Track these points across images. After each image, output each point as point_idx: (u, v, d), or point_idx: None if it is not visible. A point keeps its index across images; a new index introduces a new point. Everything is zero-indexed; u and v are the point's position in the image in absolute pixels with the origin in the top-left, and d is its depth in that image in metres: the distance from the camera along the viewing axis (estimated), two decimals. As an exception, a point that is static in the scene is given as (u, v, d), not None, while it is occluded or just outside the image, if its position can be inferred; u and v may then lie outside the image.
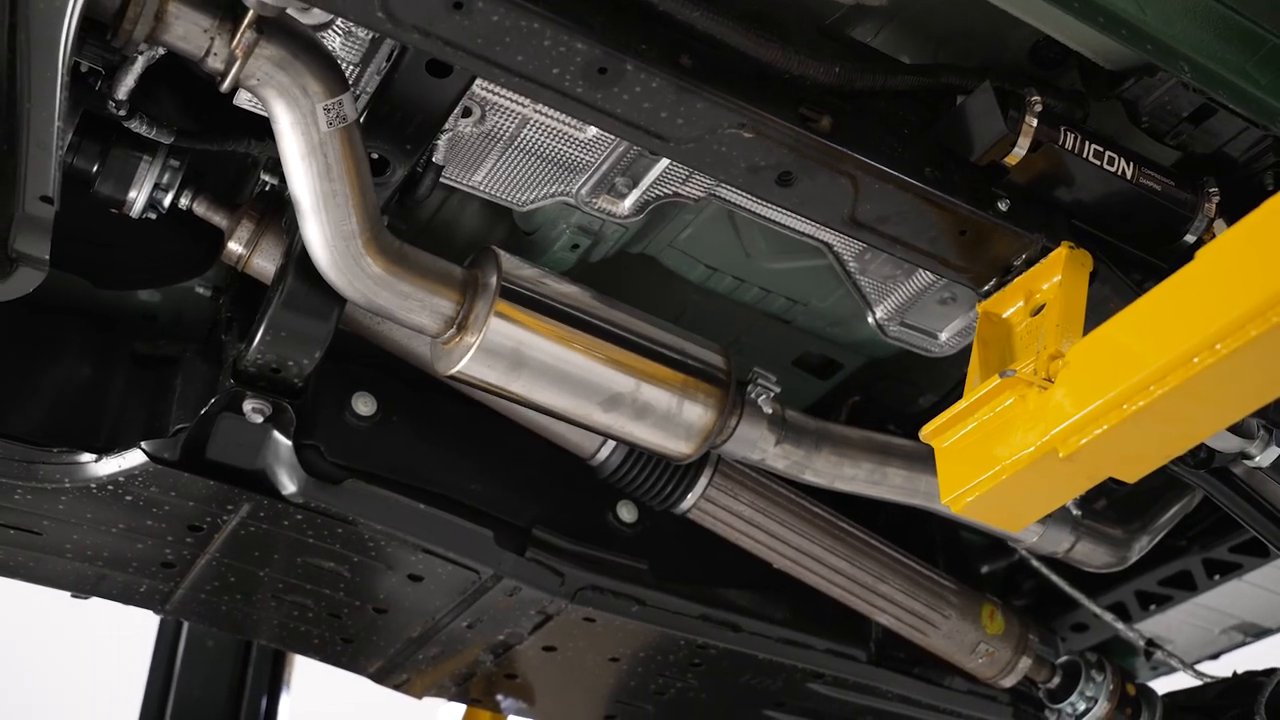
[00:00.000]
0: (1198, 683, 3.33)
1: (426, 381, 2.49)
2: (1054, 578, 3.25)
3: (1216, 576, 3.52)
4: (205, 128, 2.27)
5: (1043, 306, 2.12)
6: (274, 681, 4.09)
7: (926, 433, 2.09)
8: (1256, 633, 3.78)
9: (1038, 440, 1.92)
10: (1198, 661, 3.69)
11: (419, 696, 3.29)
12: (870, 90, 2.06)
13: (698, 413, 2.34)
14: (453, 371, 2.22)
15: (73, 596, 2.87)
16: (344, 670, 3.18)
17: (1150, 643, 3.35)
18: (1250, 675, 3.23)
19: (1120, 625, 3.35)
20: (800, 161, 2.03)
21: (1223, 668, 3.56)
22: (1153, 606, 3.64)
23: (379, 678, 3.19)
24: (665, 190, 2.40)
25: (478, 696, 3.33)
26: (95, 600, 2.89)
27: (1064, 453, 1.88)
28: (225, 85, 1.89)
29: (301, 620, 2.95)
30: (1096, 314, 2.07)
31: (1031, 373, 1.95)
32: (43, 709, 6.22)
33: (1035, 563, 3.22)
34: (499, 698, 3.35)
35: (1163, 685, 3.35)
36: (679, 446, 2.37)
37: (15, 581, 2.79)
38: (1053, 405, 1.91)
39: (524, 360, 2.21)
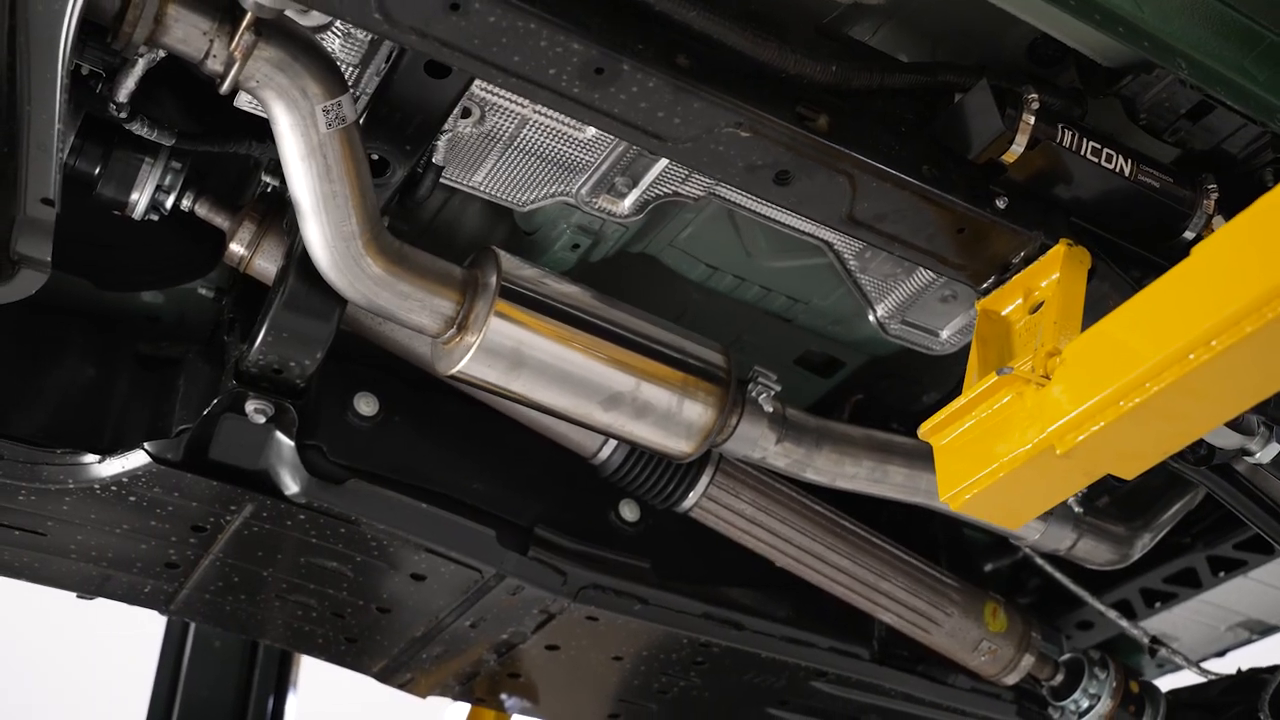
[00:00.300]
0: (1203, 680, 3.32)
1: (428, 381, 2.49)
2: (1058, 575, 3.25)
3: (1221, 573, 3.51)
4: (206, 130, 2.28)
5: (1041, 304, 2.12)
6: (280, 681, 4.11)
7: (925, 430, 2.09)
8: (1262, 629, 3.77)
9: (1035, 437, 1.91)
10: (1203, 659, 3.67)
11: (423, 696, 3.30)
12: (867, 89, 2.06)
13: (698, 411, 2.34)
14: (453, 371, 2.23)
15: (78, 597, 2.88)
16: (349, 670, 3.19)
17: (1155, 640, 3.35)
18: (1255, 672, 3.22)
19: (1125, 623, 3.34)
20: (798, 160, 2.02)
21: (1228, 665, 3.55)
22: (1158, 604, 3.63)
23: (383, 677, 3.20)
24: (665, 189, 2.40)
25: (482, 696, 3.34)
26: (99, 601, 2.90)
27: (1061, 450, 1.88)
28: (225, 87, 1.90)
29: (305, 620, 2.95)
30: (1095, 311, 2.06)
31: (1029, 370, 1.94)
32: (45, 710, 6.23)
33: (1039, 560, 3.22)
34: (503, 697, 3.36)
35: (1168, 683, 3.35)
36: (679, 445, 2.37)
37: (19, 582, 2.81)
38: (1050, 402, 1.91)
39: (524, 360, 2.21)
